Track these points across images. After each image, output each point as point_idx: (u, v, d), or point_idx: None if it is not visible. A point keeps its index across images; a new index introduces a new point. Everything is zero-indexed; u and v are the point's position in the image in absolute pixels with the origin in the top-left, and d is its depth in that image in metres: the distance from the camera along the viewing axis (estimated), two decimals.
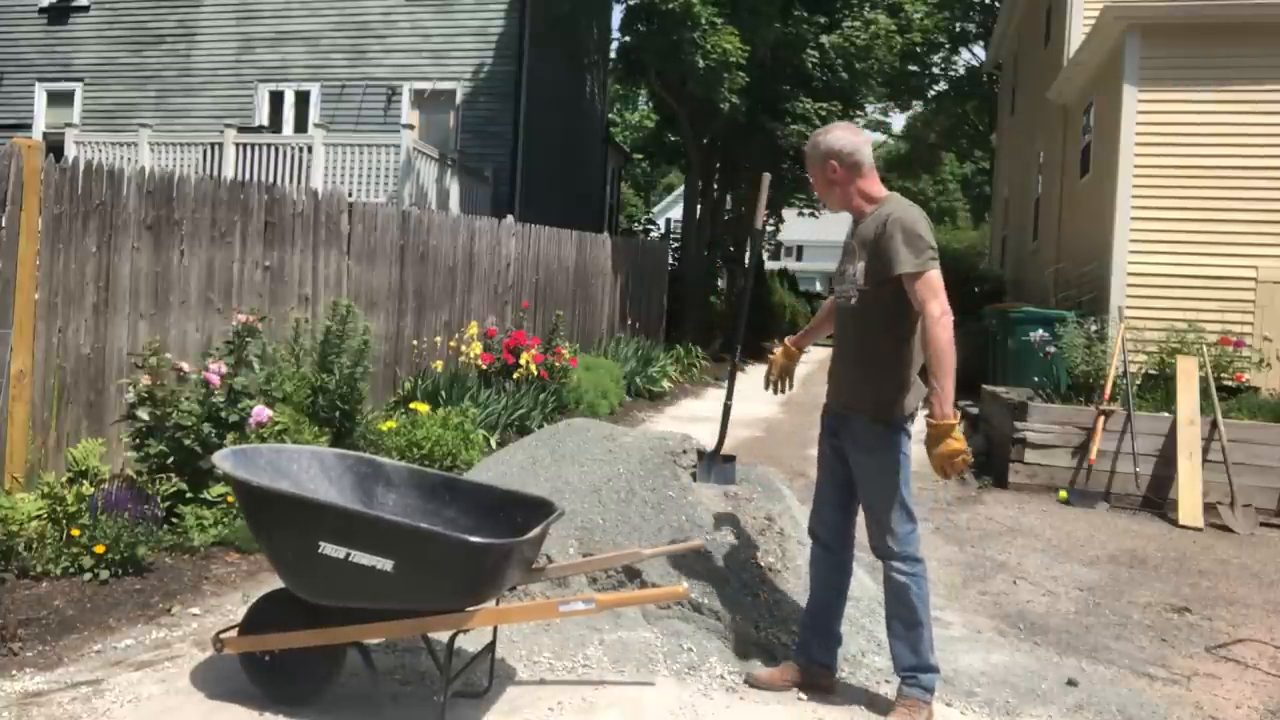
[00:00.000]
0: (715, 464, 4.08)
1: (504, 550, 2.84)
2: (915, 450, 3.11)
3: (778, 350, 3.74)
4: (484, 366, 8.23)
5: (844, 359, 3.23)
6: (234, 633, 3.07)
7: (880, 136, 36.10)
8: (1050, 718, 3.23)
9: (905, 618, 3.10)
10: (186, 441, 4.62)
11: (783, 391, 3.72)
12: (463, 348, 8.26)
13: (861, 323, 3.13)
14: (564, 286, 11.13)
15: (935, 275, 2.98)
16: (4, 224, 4.52)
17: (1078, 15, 11.45)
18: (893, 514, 3.09)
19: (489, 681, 3.19)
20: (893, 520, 3.09)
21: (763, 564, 3.74)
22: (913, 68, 24.80)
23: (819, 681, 3.30)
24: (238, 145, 13.93)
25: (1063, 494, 6.86)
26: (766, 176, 4.31)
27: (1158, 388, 7.50)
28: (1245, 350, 7.92)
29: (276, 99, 16.91)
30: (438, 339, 8.33)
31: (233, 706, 2.98)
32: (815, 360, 20.14)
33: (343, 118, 16.35)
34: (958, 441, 2.90)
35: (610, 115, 26.40)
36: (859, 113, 18.29)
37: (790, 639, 3.47)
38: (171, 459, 4.66)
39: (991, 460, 7.83)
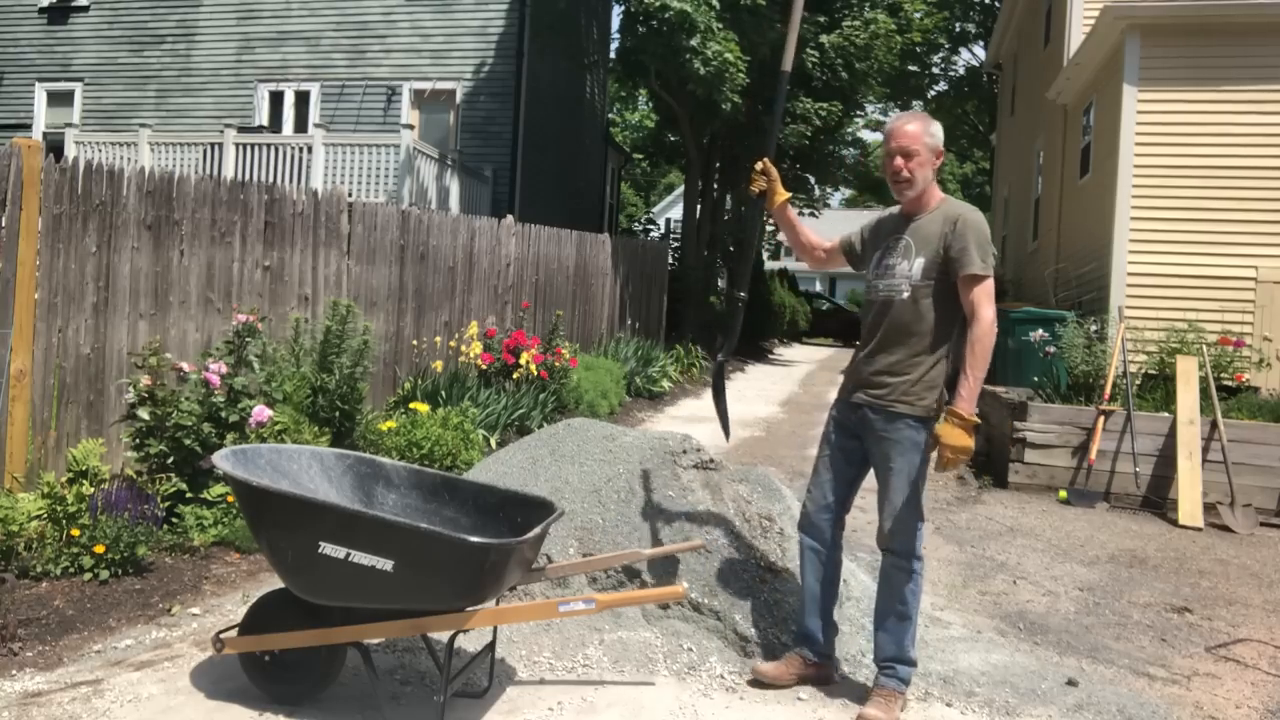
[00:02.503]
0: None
1: (504, 550, 2.84)
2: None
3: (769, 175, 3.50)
4: (484, 366, 8.23)
5: (881, 353, 3.18)
6: (234, 633, 3.07)
7: (880, 137, 36.08)
8: (1050, 718, 3.23)
9: (898, 611, 3.16)
10: (186, 441, 4.63)
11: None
12: (463, 348, 8.26)
13: (911, 318, 3.13)
14: (564, 286, 11.13)
15: (991, 283, 3.08)
16: (4, 224, 4.52)
17: (1078, 15, 11.45)
18: (911, 510, 3.15)
19: (489, 681, 3.20)
20: (908, 517, 3.15)
21: (763, 564, 3.74)
22: (913, 68, 24.80)
23: (821, 674, 3.33)
24: (238, 145, 13.94)
25: (1063, 494, 6.86)
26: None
27: (1158, 388, 7.50)
28: (1245, 350, 7.92)
29: (276, 99, 16.92)
30: (438, 339, 8.33)
31: (233, 706, 2.98)
32: (815, 360, 20.17)
33: (343, 118, 16.35)
34: (971, 440, 2.98)
35: (610, 115, 26.40)
36: (859, 113, 18.31)
37: (790, 638, 3.47)
38: (171, 459, 4.67)
39: (991, 460, 7.83)
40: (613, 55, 18.19)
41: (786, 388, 13.78)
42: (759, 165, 3.52)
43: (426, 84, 16.29)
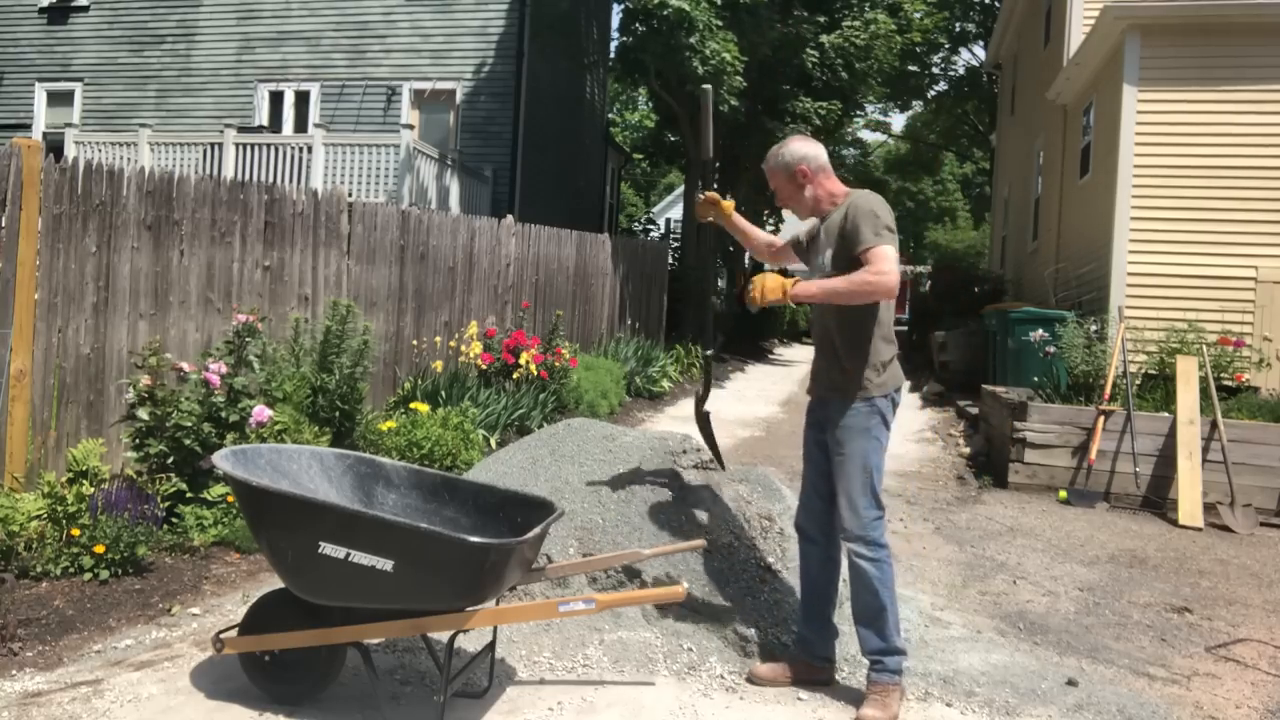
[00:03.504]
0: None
1: (504, 550, 2.84)
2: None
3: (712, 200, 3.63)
4: (484, 366, 8.23)
5: (821, 345, 3.38)
6: (234, 633, 3.07)
7: (880, 136, 36.09)
8: (1050, 718, 3.23)
9: (869, 602, 3.17)
10: (186, 441, 4.63)
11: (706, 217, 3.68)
12: (463, 348, 8.26)
13: (835, 306, 3.25)
14: (564, 286, 11.13)
15: (888, 249, 3.12)
16: (4, 224, 4.52)
17: (1078, 15, 11.45)
18: (861, 497, 3.17)
19: (489, 681, 3.20)
20: (860, 503, 3.16)
21: (763, 564, 3.74)
22: (913, 68, 24.81)
23: (819, 675, 3.33)
24: (238, 145, 13.93)
25: (1063, 494, 6.86)
26: (708, 89, 3.87)
27: (1158, 388, 7.50)
28: (1245, 350, 7.92)
29: (276, 99, 16.92)
30: (438, 339, 8.33)
31: (233, 706, 2.98)
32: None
33: (343, 118, 16.35)
34: (776, 291, 3.12)
35: (610, 115, 26.39)
36: (859, 113, 18.31)
37: (790, 638, 3.48)
38: (171, 459, 4.67)
39: (991, 460, 7.83)
40: (612, 54, 18.20)
41: (786, 388, 13.77)
42: (701, 197, 3.65)
43: (426, 84, 16.29)
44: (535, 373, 8.31)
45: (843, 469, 3.20)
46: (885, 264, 3.06)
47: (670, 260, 16.72)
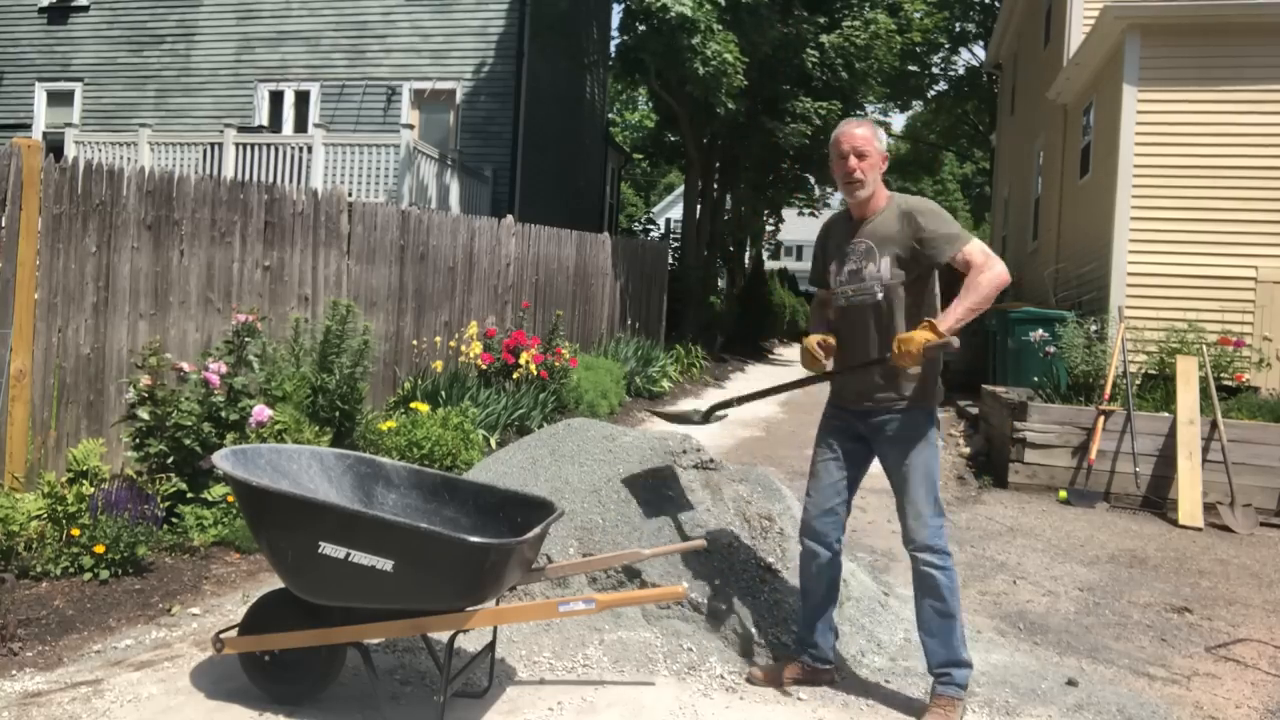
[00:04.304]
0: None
1: (504, 550, 2.84)
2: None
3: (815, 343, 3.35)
4: (484, 366, 8.23)
5: (874, 356, 3.20)
6: (234, 633, 3.07)
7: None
8: (1050, 718, 3.23)
9: (939, 609, 3.11)
10: (186, 441, 4.63)
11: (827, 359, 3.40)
12: (463, 348, 8.26)
13: (892, 315, 3.18)
14: (564, 286, 11.13)
15: (978, 241, 3.10)
16: (4, 224, 4.52)
17: (1078, 15, 11.45)
18: (931, 506, 3.13)
19: (489, 681, 3.20)
20: (930, 513, 3.13)
21: (763, 564, 3.74)
22: (913, 68, 24.81)
23: (820, 676, 3.33)
24: (237, 145, 13.93)
25: (1063, 494, 6.86)
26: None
27: (1158, 388, 7.50)
28: (1245, 350, 7.92)
29: (276, 99, 16.91)
30: (438, 339, 8.33)
31: (233, 706, 2.98)
32: None
33: (343, 118, 16.35)
34: (927, 338, 2.96)
35: (610, 115, 26.39)
36: (859, 113, 18.29)
37: (790, 639, 3.47)
38: (171, 459, 4.67)
39: (991, 460, 7.83)
40: (612, 54, 18.20)
41: None
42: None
43: (426, 84, 16.29)
44: (535, 373, 8.31)
45: (908, 480, 3.15)
46: (997, 260, 3.06)
47: (670, 260, 16.73)
